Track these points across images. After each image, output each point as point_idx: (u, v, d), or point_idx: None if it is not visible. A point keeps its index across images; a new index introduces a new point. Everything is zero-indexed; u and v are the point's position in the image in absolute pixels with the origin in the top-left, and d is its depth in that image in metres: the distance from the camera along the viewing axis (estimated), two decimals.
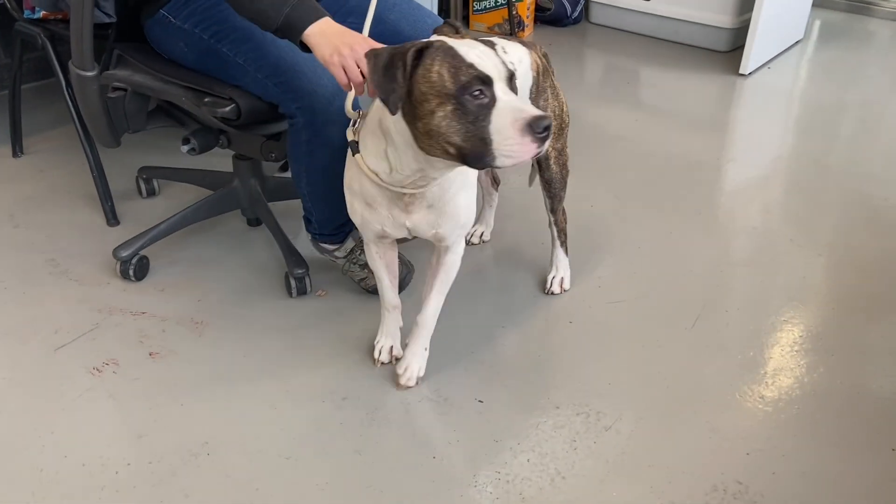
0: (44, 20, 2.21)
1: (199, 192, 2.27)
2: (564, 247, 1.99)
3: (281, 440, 1.56)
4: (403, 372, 1.69)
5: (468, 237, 2.17)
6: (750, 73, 3.41)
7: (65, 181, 2.43)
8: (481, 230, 2.20)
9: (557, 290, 1.99)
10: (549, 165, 1.82)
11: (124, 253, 1.98)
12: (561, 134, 1.82)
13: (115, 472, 1.48)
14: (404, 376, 1.69)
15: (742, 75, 3.39)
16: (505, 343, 1.84)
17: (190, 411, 1.62)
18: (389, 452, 1.54)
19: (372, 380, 1.72)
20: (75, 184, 2.40)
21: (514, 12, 3.67)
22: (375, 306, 1.77)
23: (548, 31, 3.94)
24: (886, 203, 2.44)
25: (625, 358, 1.80)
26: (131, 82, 1.80)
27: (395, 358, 1.76)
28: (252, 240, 2.20)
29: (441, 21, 1.86)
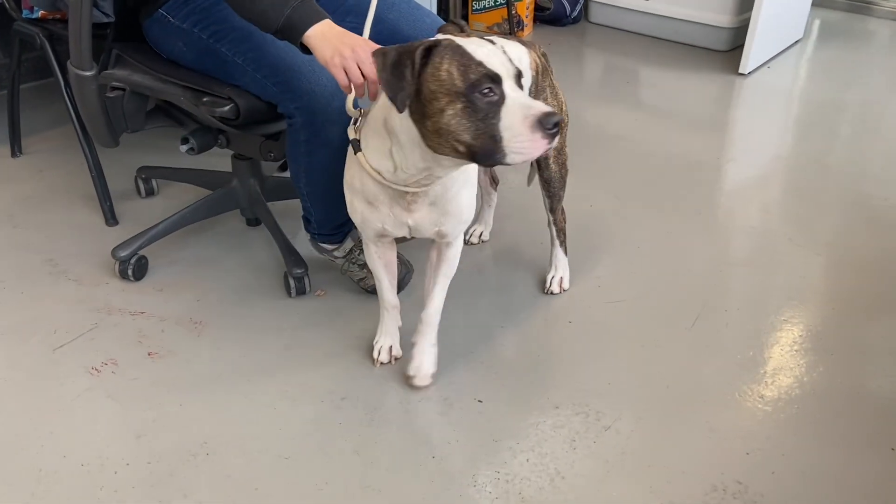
0: (42, 20, 2.21)
1: (198, 192, 2.27)
2: (564, 246, 1.99)
3: (280, 440, 1.56)
4: (416, 372, 1.67)
5: (467, 237, 2.17)
6: (749, 73, 3.41)
7: (63, 181, 2.43)
8: (480, 230, 2.20)
9: (557, 289, 1.99)
10: (548, 165, 1.82)
11: (123, 253, 1.97)
12: (560, 133, 1.82)
13: (113, 472, 1.48)
14: (418, 376, 1.67)
15: (741, 75, 3.39)
16: (504, 343, 1.84)
17: (189, 411, 1.62)
18: (388, 452, 1.54)
19: (371, 380, 1.72)
20: (74, 184, 2.40)
21: (514, 12, 3.67)
22: (374, 306, 1.76)
23: (547, 30, 3.95)
24: (886, 203, 2.44)
25: (624, 358, 1.80)
26: (130, 82, 1.80)
27: (395, 358, 1.76)
28: (251, 240, 2.20)
29: (440, 20, 1.87)
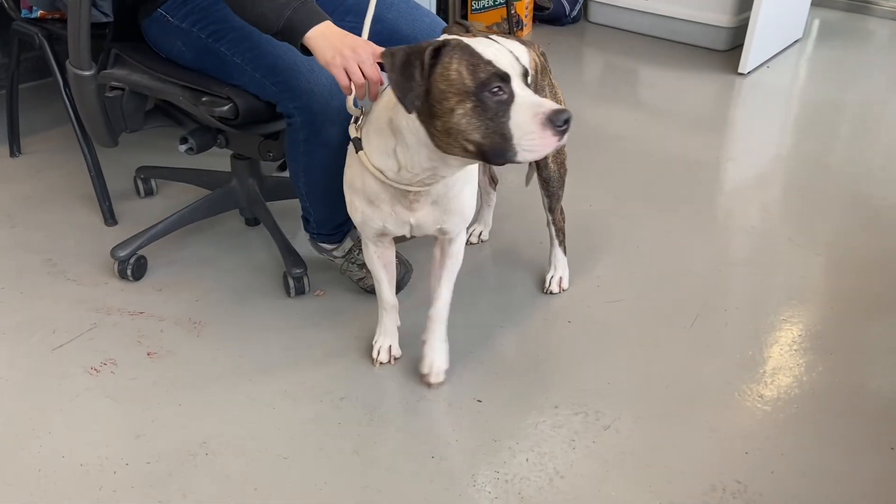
0: (41, 19, 2.21)
1: (197, 192, 2.27)
2: (563, 246, 1.99)
3: (279, 440, 1.56)
4: (429, 370, 1.68)
5: (466, 237, 2.17)
6: (749, 73, 3.41)
7: (62, 181, 2.43)
8: (480, 230, 2.20)
9: (556, 289, 1.99)
10: (546, 164, 1.82)
11: (122, 253, 1.97)
12: None
13: (113, 472, 1.48)
14: (432, 374, 1.68)
15: (741, 74, 3.39)
16: (503, 343, 1.84)
17: (188, 411, 1.62)
18: (388, 452, 1.54)
19: (370, 379, 1.72)
20: (73, 184, 2.40)
21: (513, 11, 3.67)
22: (374, 306, 1.76)
23: (546, 30, 3.95)
24: (885, 202, 2.44)
25: (624, 357, 1.79)
26: (129, 82, 1.80)
27: (394, 358, 1.76)
28: (250, 239, 2.20)
29: (439, 20, 1.87)
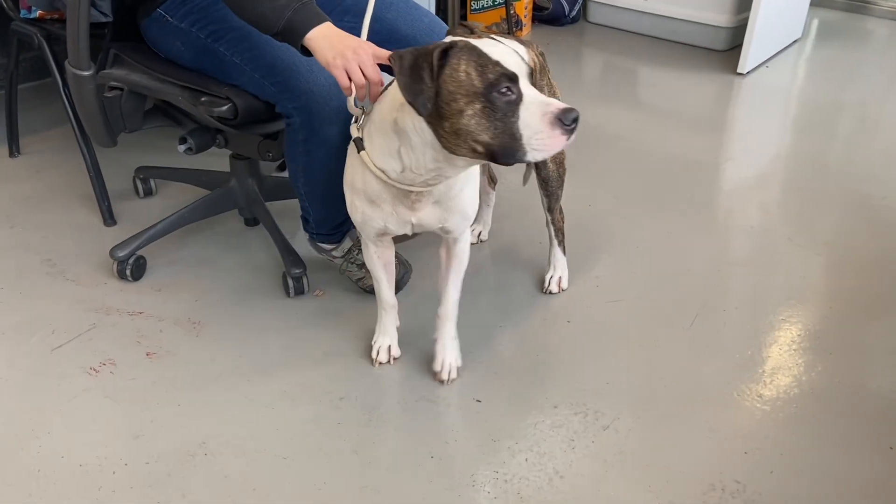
0: (40, 20, 2.21)
1: (197, 192, 2.26)
2: (562, 246, 1.99)
3: (278, 440, 1.56)
4: (441, 368, 1.69)
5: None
6: (748, 73, 3.41)
7: (62, 181, 2.43)
8: (479, 229, 2.20)
9: (555, 289, 1.99)
10: (545, 164, 1.82)
11: (121, 253, 1.97)
12: None
13: (112, 473, 1.48)
14: (443, 371, 1.69)
15: (740, 74, 3.39)
16: (503, 342, 1.84)
17: (187, 411, 1.62)
18: (387, 452, 1.54)
19: (370, 379, 1.72)
20: (72, 184, 2.40)
21: (512, 11, 3.67)
22: (373, 306, 1.76)
23: (546, 30, 3.94)
24: (884, 202, 2.44)
25: (623, 357, 1.79)
26: (128, 81, 1.80)
27: (393, 358, 1.76)
28: (249, 239, 2.20)
29: (438, 20, 1.87)
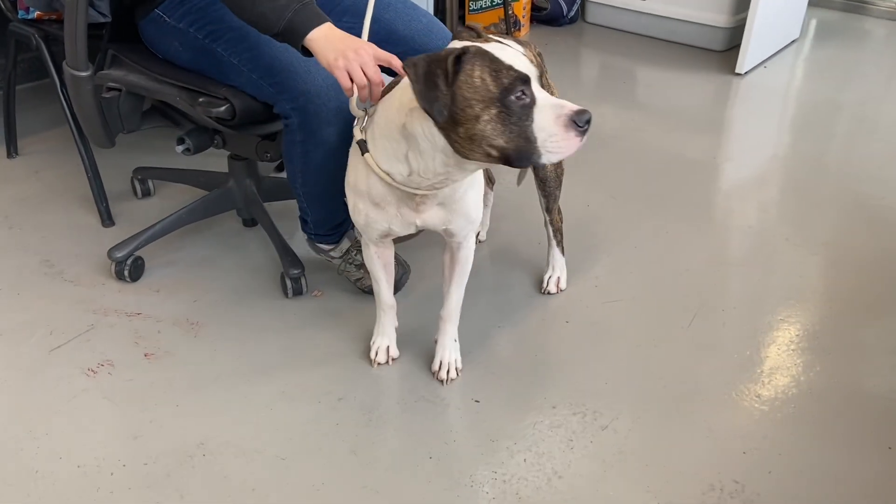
0: (38, 20, 2.20)
1: (195, 193, 2.26)
2: (561, 246, 1.99)
3: (277, 441, 1.56)
4: (440, 368, 1.70)
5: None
6: (746, 73, 3.41)
7: (60, 182, 2.43)
8: (477, 230, 2.20)
9: (554, 289, 1.99)
10: (543, 165, 1.82)
11: (119, 254, 1.97)
12: None
13: (110, 474, 1.48)
14: (442, 371, 1.70)
15: (738, 74, 3.39)
16: (501, 343, 1.84)
17: (185, 412, 1.62)
18: (386, 453, 1.54)
19: (368, 380, 1.72)
20: (70, 185, 2.39)
21: (511, 12, 3.67)
22: (371, 306, 1.76)
23: (544, 30, 3.94)
24: (883, 202, 2.44)
25: (621, 357, 1.79)
26: (126, 82, 1.80)
27: (392, 358, 1.76)
28: (248, 240, 2.20)
29: (436, 20, 1.87)
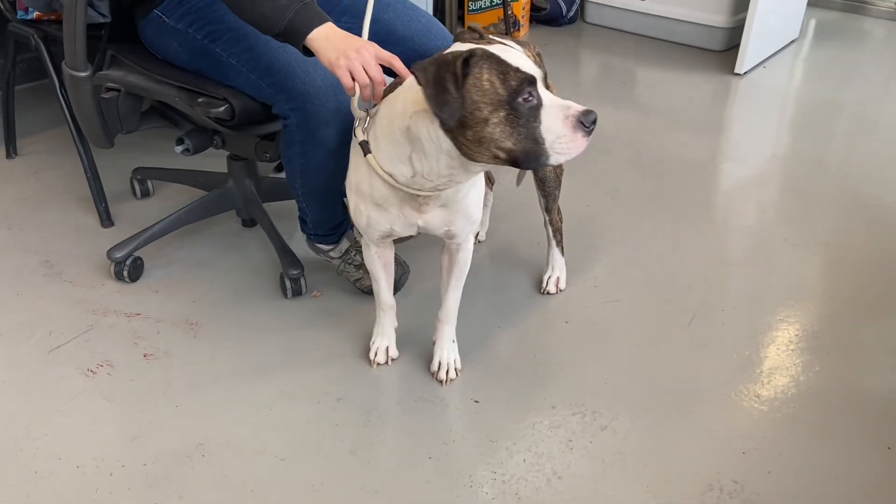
0: (37, 21, 2.20)
1: (194, 193, 2.26)
2: (560, 246, 1.99)
3: (276, 441, 1.56)
4: (438, 368, 1.71)
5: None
6: (745, 73, 3.41)
7: (59, 182, 2.42)
8: (477, 230, 2.20)
9: (553, 289, 1.99)
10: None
11: (119, 254, 1.97)
12: None
13: (109, 474, 1.48)
14: (441, 372, 1.70)
15: (737, 75, 3.39)
16: (501, 343, 1.84)
17: (185, 412, 1.62)
18: (385, 453, 1.54)
19: (368, 380, 1.72)
20: (69, 185, 2.39)
21: (510, 12, 3.67)
22: (371, 307, 1.76)
23: (543, 30, 3.95)
24: (882, 202, 2.44)
25: (621, 357, 1.79)
26: (125, 83, 1.80)
27: (391, 359, 1.76)
28: (247, 240, 2.19)
29: (435, 21, 1.87)
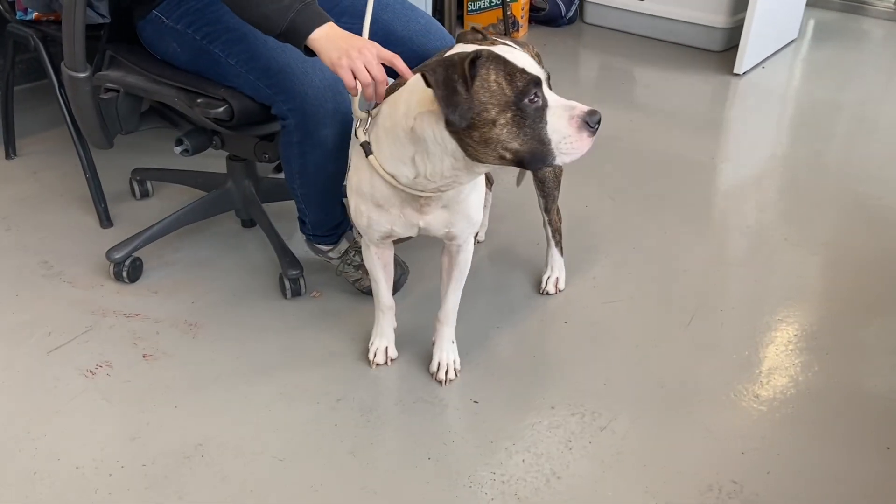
0: (36, 21, 2.20)
1: (193, 194, 2.26)
2: (559, 247, 1.99)
3: (275, 442, 1.56)
4: (438, 369, 1.71)
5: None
6: (744, 73, 3.41)
7: (58, 183, 2.42)
8: (476, 231, 2.20)
9: (552, 290, 1.99)
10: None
11: (118, 255, 1.97)
12: None
13: (108, 475, 1.48)
14: (440, 372, 1.70)
15: (736, 75, 3.40)
16: (500, 343, 1.84)
17: (184, 413, 1.62)
18: (384, 453, 1.54)
19: (367, 381, 1.71)
20: (69, 185, 2.39)
21: (509, 12, 3.67)
22: (370, 307, 1.76)
23: (542, 31, 3.95)
24: (881, 202, 2.44)
25: (620, 358, 1.80)
26: (124, 83, 1.80)
27: (391, 359, 1.76)
28: (246, 241, 2.19)
29: (434, 21, 1.87)
